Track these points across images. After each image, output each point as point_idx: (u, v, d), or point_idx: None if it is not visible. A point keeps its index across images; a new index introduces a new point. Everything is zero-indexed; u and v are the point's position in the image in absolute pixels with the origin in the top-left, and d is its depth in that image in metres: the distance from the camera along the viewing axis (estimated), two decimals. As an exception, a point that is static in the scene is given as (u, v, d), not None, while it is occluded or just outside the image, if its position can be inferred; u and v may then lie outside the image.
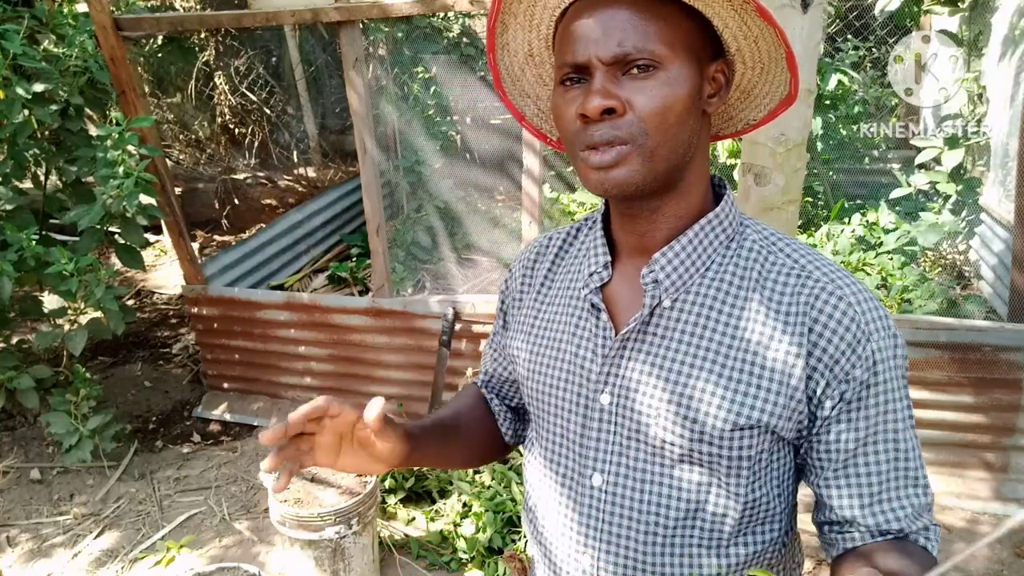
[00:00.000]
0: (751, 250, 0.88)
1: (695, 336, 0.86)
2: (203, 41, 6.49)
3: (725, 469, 0.86)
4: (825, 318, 0.82)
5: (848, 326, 0.81)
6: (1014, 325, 2.85)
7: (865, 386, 0.82)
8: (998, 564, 2.62)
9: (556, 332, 0.96)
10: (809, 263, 0.86)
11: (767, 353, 0.83)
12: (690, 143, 0.83)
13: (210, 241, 6.19)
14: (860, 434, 0.84)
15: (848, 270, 0.92)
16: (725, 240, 0.88)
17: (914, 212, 4.58)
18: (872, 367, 0.82)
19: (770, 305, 0.84)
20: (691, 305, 0.87)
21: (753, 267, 0.87)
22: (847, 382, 0.82)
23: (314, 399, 0.86)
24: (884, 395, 0.83)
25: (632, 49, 0.77)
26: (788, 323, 0.83)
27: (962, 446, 2.96)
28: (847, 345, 0.81)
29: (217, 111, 6.99)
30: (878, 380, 0.82)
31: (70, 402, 3.22)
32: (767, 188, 1.72)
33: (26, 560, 2.88)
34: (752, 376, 0.83)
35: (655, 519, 0.89)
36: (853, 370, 0.82)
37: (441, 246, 5.01)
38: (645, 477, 0.89)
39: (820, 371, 0.82)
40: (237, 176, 6.64)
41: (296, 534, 2.43)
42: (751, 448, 0.85)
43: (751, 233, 0.89)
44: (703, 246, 0.87)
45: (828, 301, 0.82)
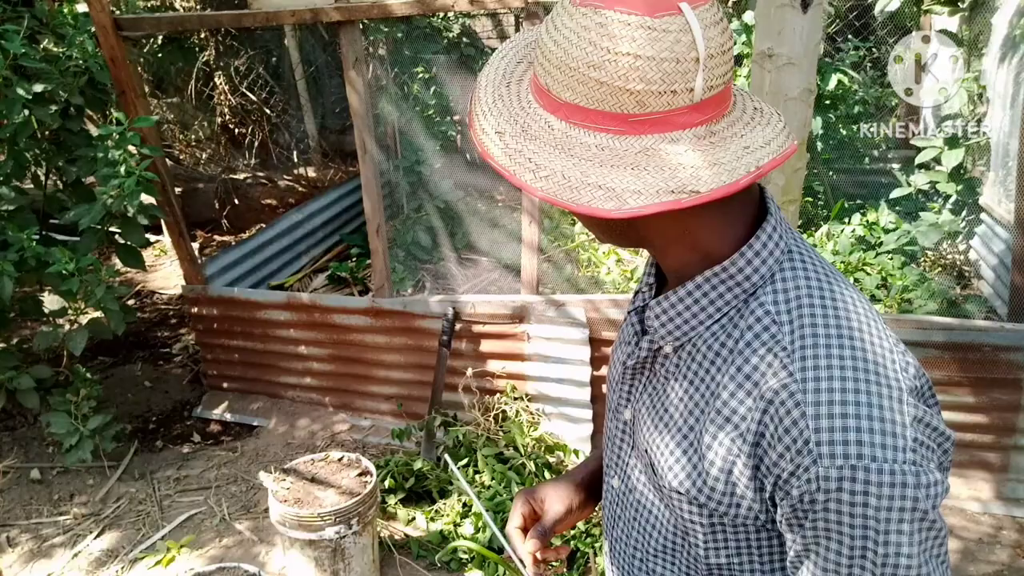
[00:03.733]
0: (759, 316, 0.76)
1: (682, 388, 0.82)
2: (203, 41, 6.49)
3: (684, 525, 0.83)
4: (777, 421, 0.71)
5: (795, 438, 0.69)
6: (1014, 325, 2.85)
7: (806, 509, 0.69)
8: (998, 564, 2.62)
9: (622, 337, 0.97)
10: (799, 350, 0.72)
11: (718, 434, 0.76)
12: (615, 230, 0.81)
13: (210, 241, 6.19)
14: (799, 547, 0.73)
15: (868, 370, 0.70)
16: (742, 294, 0.77)
17: (914, 212, 4.58)
18: (813, 493, 0.68)
19: (742, 383, 0.75)
20: (688, 357, 0.81)
21: (747, 335, 0.76)
22: (787, 497, 0.71)
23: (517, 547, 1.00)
24: (829, 524, 0.69)
25: None
26: (749, 409, 0.73)
27: (962, 446, 2.96)
28: (789, 459, 0.70)
29: (217, 111, 6.99)
30: (817, 509, 0.69)
31: (70, 402, 3.22)
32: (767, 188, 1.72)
33: (26, 560, 2.88)
34: (701, 450, 0.78)
35: (640, 539, 0.91)
36: (792, 487, 0.70)
37: (441, 246, 5.01)
38: (642, 499, 0.90)
39: (765, 470, 0.73)
40: (237, 176, 6.64)
41: (296, 534, 2.43)
42: (699, 515, 0.80)
43: (771, 291, 0.76)
44: (708, 298, 0.79)
45: (785, 404, 0.70)
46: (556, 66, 0.71)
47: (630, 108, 0.69)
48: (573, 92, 0.71)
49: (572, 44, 0.69)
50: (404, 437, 3.25)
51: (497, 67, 0.82)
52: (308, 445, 3.50)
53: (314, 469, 2.64)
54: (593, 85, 0.69)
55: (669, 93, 0.68)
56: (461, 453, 3.12)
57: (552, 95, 0.73)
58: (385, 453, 3.36)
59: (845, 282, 0.78)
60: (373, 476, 2.58)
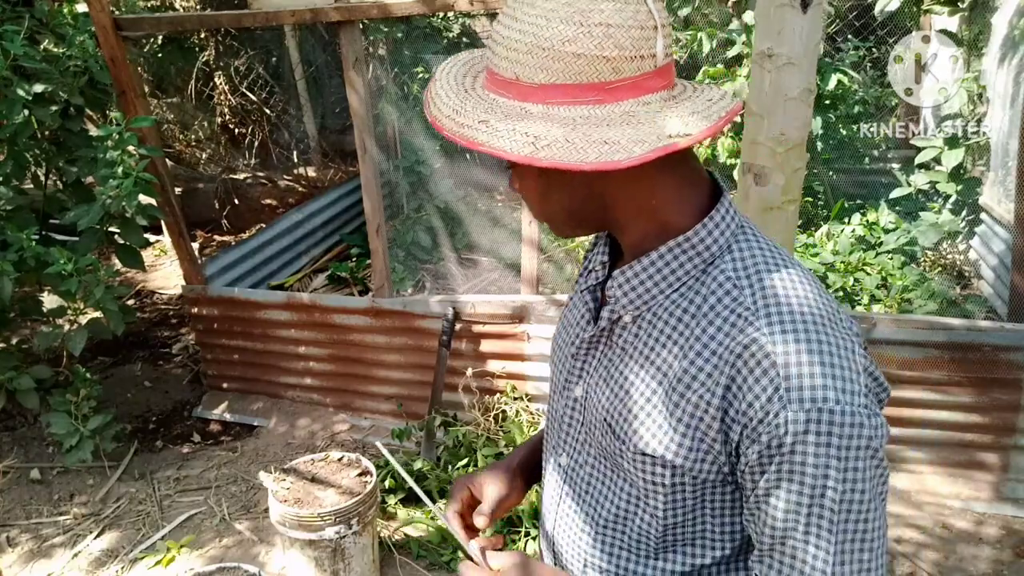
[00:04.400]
0: (721, 281, 0.82)
1: (642, 355, 0.85)
2: (203, 41, 6.49)
3: (642, 489, 0.87)
4: (746, 371, 0.76)
5: (765, 386, 0.75)
6: (1014, 325, 2.85)
7: (772, 452, 0.75)
8: (998, 564, 2.62)
9: (569, 317, 1.01)
10: (764, 308, 0.78)
11: (686, 392, 0.80)
12: (575, 207, 0.85)
13: (210, 241, 6.19)
14: (762, 491, 0.77)
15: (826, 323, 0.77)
16: (701, 263, 0.83)
17: (914, 212, 4.58)
18: (781, 436, 0.74)
19: (707, 343, 0.79)
20: (648, 325, 0.86)
21: (710, 297, 0.81)
22: (756, 442, 0.76)
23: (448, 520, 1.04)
24: (792, 469, 0.74)
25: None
26: (716, 366, 0.78)
27: (962, 446, 2.96)
28: (760, 406, 0.75)
29: (217, 111, 6.99)
30: (784, 451, 0.74)
31: (70, 402, 3.22)
32: (767, 188, 1.72)
33: (26, 560, 2.88)
34: (667, 410, 0.82)
35: (591, 512, 0.94)
36: (762, 433, 0.75)
37: (441, 246, 5.01)
38: (593, 472, 0.93)
39: (732, 421, 0.78)
40: (237, 176, 6.64)
41: (296, 534, 2.43)
42: (663, 477, 0.84)
43: (729, 260, 0.83)
44: (670, 267, 0.84)
45: (755, 355, 0.76)
46: (527, 51, 0.75)
47: (607, 76, 0.74)
48: (548, 72, 0.75)
49: (542, 27, 0.73)
50: (404, 437, 3.25)
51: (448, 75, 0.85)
52: (308, 445, 3.50)
53: (314, 469, 2.64)
54: (570, 60, 0.74)
55: (638, 58, 0.75)
56: (461, 453, 3.12)
57: (523, 83, 0.76)
58: (385, 453, 3.36)
59: (792, 257, 0.85)
60: (373, 476, 2.58)
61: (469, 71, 0.86)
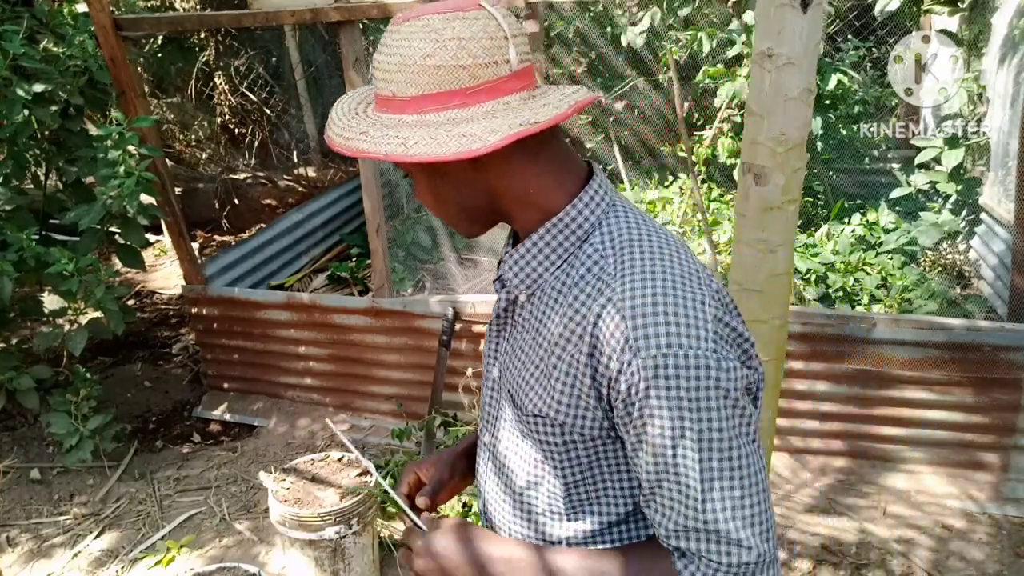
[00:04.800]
0: (590, 253, 0.91)
1: (534, 328, 0.95)
2: (203, 41, 6.50)
3: (544, 452, 0.95)
4: (603, 330, 0.84)
5: (619, 339, 0.82)
6: (1014, 325, 2.85)
7: (632, 398, 0.82)
8: (998, 564, 2.62)
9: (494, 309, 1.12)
10: (620, 273, 0.86)
11: (561, 354, 0.89)
12: (468, 202, 0.94)
13: (210, 241, 6.19)
14: (633, 439, 0.85)
15: (676, 280, 0.85)
16: (576, 239, 0.92)
17: (914, 212, 4.58)
18: (636, 383, 0.81)
19: (577, 310, 0.88)
20: (539, 301, 0.95)
21: (581, 268, 0.90)
22: (619, 393, 0.84)
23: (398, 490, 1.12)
24: (651, 409, 0.82)
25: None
26: (584, 329, 0.86)
27: (962, 446, 2.96)
28: (616, 358, 0.83)
29: (217, 111, 6.99)
30: (639, 395, 0.82)
31: (70, 402, 3.22)
32: (767, 188, 1.72)
33: (26, 560, 2.88)
34: (548, 373, 0.91)
35: (510, 483, 1.02)
36: (620, 383, 0.83)
37: (441, 246, 5.00)
38: (508, 446, 1.02)
39: (600, 378, 0.85)
40: (237, 176, 6.64)
41: (296, 534, 2.43)
42: (554, 436, 0.92)
43: (599, 234, 0.92)
44: (550, 247, 0.93)
45: (610, 314, 0.84)
46: (397, 70, 0.86)
47: (466, 82, 0.85)
48: (415, 85, 0.86)
49: (406, 48, 0.85)
50: (404, 437, 3.25)
51: (342, 106, 0.97)
52: (308, 445, 3.50)
53: (314, 469, 2.64)
54: (431, 72, 0.85)
55: (492, 64, 0.85)
56: (461, 453, 3.11)
57: (398, 98, 0.87)
58: (385, 453, 3.36)
59: (660, 227, 0.94)
60: (373, 476, 2.58)
61: (363, 100, 0.97)
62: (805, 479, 3.06)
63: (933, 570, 2.61)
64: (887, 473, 3.04)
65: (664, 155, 5.65)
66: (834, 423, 3.07)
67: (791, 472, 3.10)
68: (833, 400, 3.04)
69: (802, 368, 3.02)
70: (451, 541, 0.95)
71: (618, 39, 4.98)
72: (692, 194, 4.59)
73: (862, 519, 2.85)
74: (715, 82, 4.50)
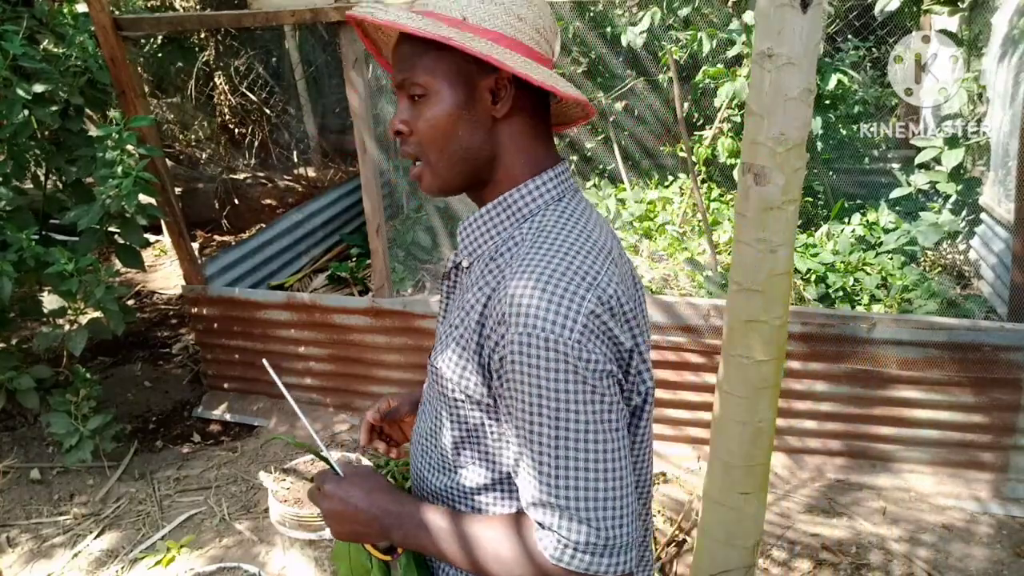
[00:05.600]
0: (521, 236, 0.98)
1: (460, 293, 1.03)
2: (203, 41, 6.50)
3: (441, 404, 1.02)
4: (494, 304, 0.91)
5: (501, 313, 0.89)
6: (1014, 325, 2.85)
7: (501, 372, 0.90)
8: (998, 564, 2.62)
9: None
10: (526, 257, 0.92)
11: (464, 320, 0.96)
12: (471, 148, 0.98)
13: (210, 241, 6.19)
14: (504, 411, 0.93)
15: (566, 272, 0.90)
16: (516, 220, 0.99)
17: (914, 212, 4.58)
18: (505, 356, 0.88)
19: (488, 283, 0.96)
20: (474, 268, 1.02)
21: (503, 248, 0.98)
22: (496, 363, 0.91)
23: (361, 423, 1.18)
24: (513, 384, 0.89)
25: (406, 79, 0.97)
26: (479, 300, 0.95)
27: (962, 446, 2.96)
28: (497, 332, 0.90)
29: (217, 111, 6.99)
30: (507, 369, 0.89)
31: (70, 402, 3.22)
32: (767, 188, 1.72)
33: (26, 560, 2.88)
34: (453, 333, 0.98)
35: (418, 432, 1.12)
36: (495, 356, 0.90)
37: (441, 246, 5.00)
38: (429, 395, 1.08)
39: (486, 348, 0.93)
40: (237, 176, 6.64)
41: (296, 534, 2.43)
42: (446, 390, 0.99)
43: (536, 220, 0.98)
44: (493, 221, 1.00)
45: (500, 289, 0.91)
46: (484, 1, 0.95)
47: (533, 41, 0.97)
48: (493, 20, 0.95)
49: None
50: (404, 437, 3.25)
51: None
52: (308, 445, 3.50)
53: (314, 469, 2.64)
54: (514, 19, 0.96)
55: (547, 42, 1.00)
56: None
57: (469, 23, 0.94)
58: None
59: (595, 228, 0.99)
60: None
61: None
62: (804, 479, 3.06)
63: (933, 570, 2.61)
64: (887, 473, 3.04)
65: (664, 155, 5.65)
66: (834, 423, 3.07)
67: (790, 472, 3.10)
68: (833, 400, 3.04)
69: (801, 368, 3.02)
70: (356, 489, 1.03)
71: (618, 39, 4.98)
72: (692, 194, 4.59)
73: (862, 519, 2.85)
74: (715, 82, 4.50)
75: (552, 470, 0.88)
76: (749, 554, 2.09)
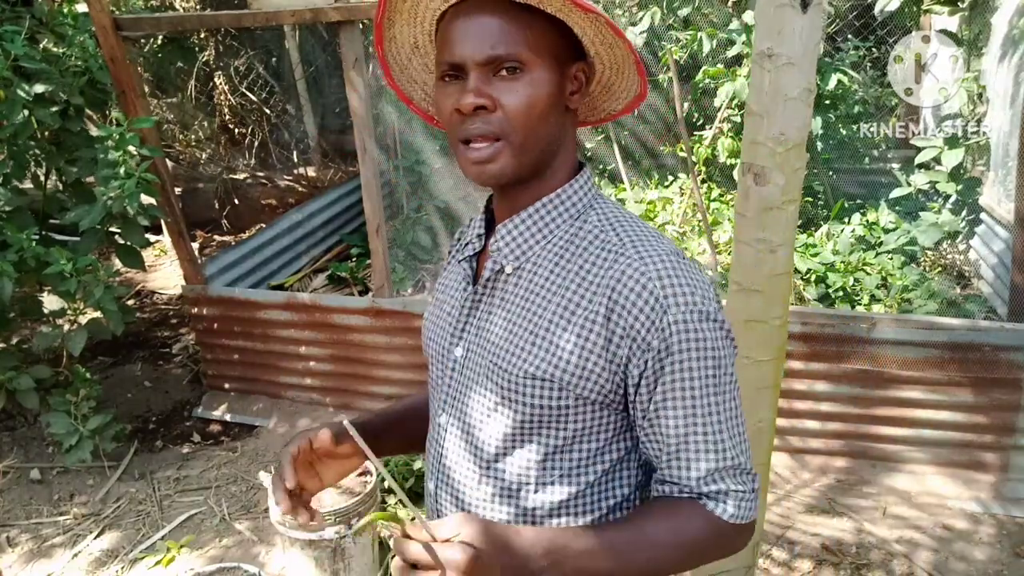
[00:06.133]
0: (590, 228, 0.96)
1: (523, 298, 0.97)
2: (203, 41, 6.50)
3: (528, 416, 0.95)
4: (626, 291, 0.89)
5: (647, 299, 0.88)
6: (1014, 325, 2.85)
7: (663, 355, 0.89)
8: (998, 564, 2.62)
9: (443, 294, 1.11)
10: (631, 244, 0.93)
11: (571, 317, 0.92)
12: (553, 136, 0.95)
13: (210, 241, 6.19)
14: (659, 397, 0.91)
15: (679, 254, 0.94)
16: (570, 217, 0.98)
17: (914, 212, 4.57)
18: (668, 338, 0.88)
19: (585, 276, 0.93)
20: (528, 272, 0.98)
21: (582, 243, 0.96)
22: (647, 351, 0.89)
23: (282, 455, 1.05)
24: (683, 363, 0.89)
25: (503, 53, 0.89)
26: (595, 293, 0.91)
27: (962, 446, 2.96)
28: (645, 316, 0.88)
29: (217, 111, 6.99)
30: (673, 350, 0.89)
31: (70, 402, 3.22)
32: (767, 188, 1.72)
33: (26, 560, 2.88)
34: (554, 335, 0.93)
35: (476, 454, 1.01)
36: (651, 340, 0.89)
37: (441, 246, 5.00)
38: (471, 422, 1.01)
39: (620, 339, 0.90)
40: (237, 176, 6.64)
41: (296, 534, 2.43)
42: (549, 399, 0.93)
43: (595, 214, 0.98)
44: (544, 220, 0.98)
45: (632, 277, 0.90)
46: None
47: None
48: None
49: None
50: (404, 437, 3.25)
51: None
52: (308, 445, 3.50)
53: (314, 469, 2.64)
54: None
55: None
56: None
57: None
58: (385, 453, 3.36)
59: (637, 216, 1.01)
60: (373, 476, 2.58)
61: None
62: (805, 479, 3.06)
63: (933, 570, 2.61)
64: (887, 473, 3.04)
65: (664, 155, 5.65)
66: (834, 423, 3.07)
67: (791, 472, 3.10)
68: (833, 400, 3.03)
69: (802, 368, 3.02)
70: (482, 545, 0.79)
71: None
72: (692, 194, 4.59)
73: (862, 519, 2.85)
74: (715, 82, 4.50)
75: (724, 437, 0.92)
76: (749, 554, 2.09)
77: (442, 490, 1.07)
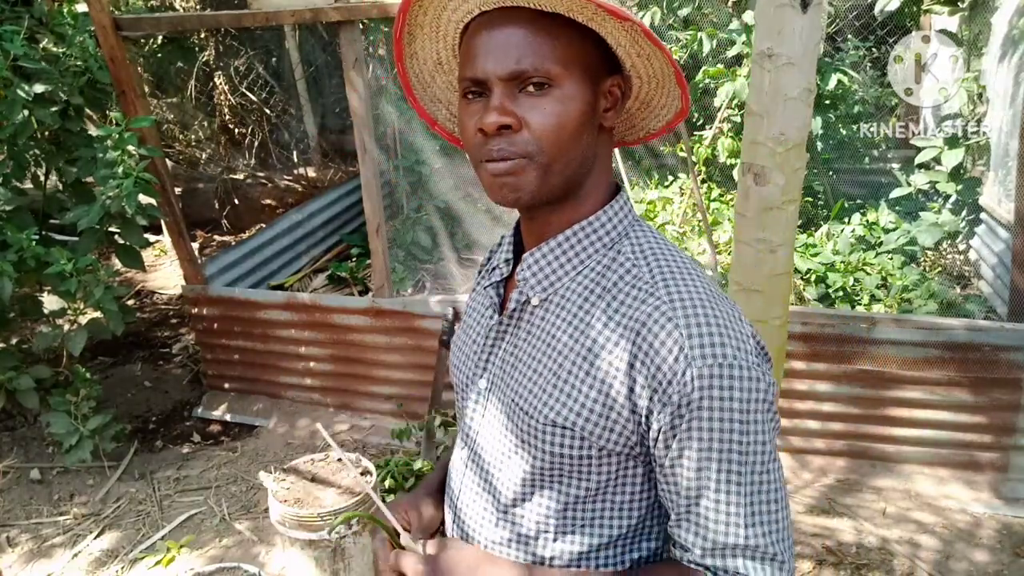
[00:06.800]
0: (622, 261, 0.89)
1: (549, 335, 0.90)
2: (203, 41, 6.50)
3: (548, 463, 0.89)
4: (651, 337, 0.81)
5: (671, 348, 0.80)
6: (1014, 325, 2.85)
7: (683, 410, 0.80)
8: (999, 564, 2.62)
9: (470, 319, 1.06)
10: (663, 282, 0.85)
11: (595, 361, 0.85)
12: (585, 156, 0.87)
13: (210, 241, 6.19)
14: (675, 453, 0.82)
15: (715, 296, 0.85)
16: (603, 247, 0.91)
17: (914, 212, 4.57)
18: (689, 393, 0.79)
19: (612, 316, 0.85)
20: (555, 306, 0.91)
21: (613, 275, 0.88)
22: (667, 404, 0.81)
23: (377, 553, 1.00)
24: (701, 421, 0.80)
25: (528, 68, 0.81)
26: (621, 336, 0.83)
27: (962, 446, 2.96)
28: (668, 367, 0.80)
29: (217, 111, 6.99)
30: (693, 407, 0.80)
31: (70, 402, 3.21)
32: (767, 188, 1.72)
33: (26, 560, 2.88)
34: (577, 380, 0.86)
35: (493, 498, 0.96)
36: (672, 394, 0.80)
37: (441, 246, 5.00)
38: (492, 461, 0.96)
39: (642, 388, 0.82)
40: (237, 176, 6.64)
41: (296, 534, 2.43)
42: (570, 448, 0.87)
43: (629, 243, 0.90)
44: (575, 250, 0.90)
45: (658, 322, 0.81)
46: None
47: None
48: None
49: None
50: (404, 437, 3.25)
51: None
52: (308, 445, 3.50)
53: (314, 469, 2.65)
54: None
55: None
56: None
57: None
58: (385, 453, 3.36)
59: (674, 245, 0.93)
60: (373, 476, 2.58)
61: None
62: (806, 479, 3.06)
63: (934, 570, 2.61)
64: (887, 473, 3.04)
65: (664, 155, 5.65)
66: (834, 423, 3.07)
67: (792, 472, 3.10)
68: (833, 400, 3.03)
69: (802, 368, 3.02)
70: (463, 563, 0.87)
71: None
72: (692, 194, 4.59)
73: (863, 519, 2.85)
74: (715, 82, 4.49)
75: (740, 508, 0.80)
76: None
77: (457, 527, 1.03)
